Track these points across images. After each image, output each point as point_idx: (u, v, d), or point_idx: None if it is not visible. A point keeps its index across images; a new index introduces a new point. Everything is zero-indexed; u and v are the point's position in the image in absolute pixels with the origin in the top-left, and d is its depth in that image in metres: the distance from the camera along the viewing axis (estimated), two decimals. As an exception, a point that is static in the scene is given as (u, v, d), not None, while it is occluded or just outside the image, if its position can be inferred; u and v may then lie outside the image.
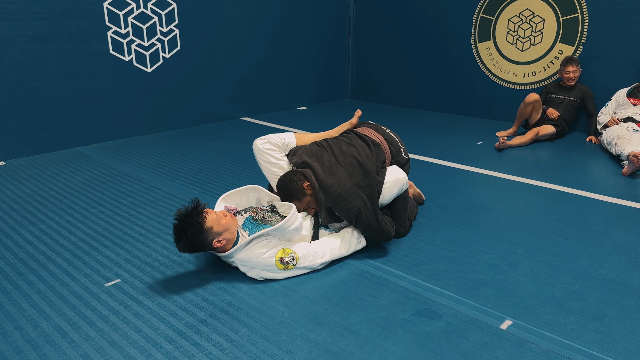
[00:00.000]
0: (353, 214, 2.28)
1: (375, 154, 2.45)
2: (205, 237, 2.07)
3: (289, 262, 2.17)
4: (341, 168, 2.34)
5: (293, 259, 2.18)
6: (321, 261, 2.27)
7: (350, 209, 2.27)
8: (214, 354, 1.73)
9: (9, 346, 1.78)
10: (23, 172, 3.72)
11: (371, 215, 2.28)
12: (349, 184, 2.28)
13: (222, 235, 2.12)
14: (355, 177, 2.31)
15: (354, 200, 2.26)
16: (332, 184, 2.29)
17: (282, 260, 2.16)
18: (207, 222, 2.07)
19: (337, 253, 2.32)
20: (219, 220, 2.11)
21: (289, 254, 2.18)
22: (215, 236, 2.10)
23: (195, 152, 4.25)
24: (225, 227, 2.13)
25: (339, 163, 2.37)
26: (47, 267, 2.33)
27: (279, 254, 2.16)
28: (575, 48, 4.84)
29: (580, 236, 2.67)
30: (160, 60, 4.79)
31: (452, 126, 5.28)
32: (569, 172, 3.72)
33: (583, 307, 2.03)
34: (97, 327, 1.88)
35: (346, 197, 2.27)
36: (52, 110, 4.19)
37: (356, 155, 2.38)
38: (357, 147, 2.44)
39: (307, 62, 6.28)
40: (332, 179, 2.31)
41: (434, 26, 5.83)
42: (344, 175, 2.31)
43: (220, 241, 2.12)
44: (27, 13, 3.89)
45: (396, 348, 1.77)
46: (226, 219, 2.15)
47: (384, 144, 2.57)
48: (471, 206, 3.08)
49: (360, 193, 2.28)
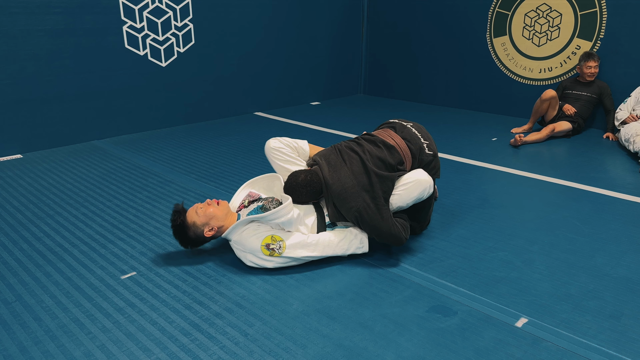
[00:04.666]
0: (353, 214, 2.23)
1: (388, 155, 2.38)
2: (193, 233, 2.24)
3: (275, 249, 2.17)
4: (346, 167, 2.31)
5: (280, 247, 2.17)
6: (308, 255, 2.21)
7: (350, 209, 2.23)
8: (229, 347, 1.75)
9: (27, 336, 1.80)
10: (40, 165, 3.77)
11: (374, 215, 2.21)
12: (350, 183, 2.25)
13: (210, 224, 2.24)
14: (359, 176, 2.27)
15: (354, 199, 2.22)
16: (334, 182, 2.28)
17: (268, 246, 2.16)
18: (187, 221, 2.23)
19: (330, 251, 2.25)
20: (198, 214, 2.23)
21: (277, 241, 2.17)
22: (203, 227, 2.24)
23: (209, 147, 4.27)
24: (209, 216, 2.24)
25: (344, 162, 2.34)
26: (64, 259, 2.36)
27: (266, 240, 2.16)
28: (593, 43, 4.76)
29: (596, 234, 2.64)
30: (174, 55, 4.81)
31: (466, 122, 5.24)
32: (585, 169, 3.68)
33: (599, 305, 2.01)
34: (114, 318, 1.91)
35: (347, 196, 2.23)
36: (68, 104, 4.23)
37: (362, 156, 2.34)
38: (365, 148, 2.39)
39: (320, 56, 6.26)
40: (335, 176, 2.29)
41: (449, 21, 5.78)
42: (347, 174, 2.28)
43: (211, 230, 2.24)
44: (44, 7, 3.92)
45: (410, 344, 1.76)
46: (208, 209, 2.25)
47: (400, 145, 2.46)
48: (486, 203, 3.06)
49: (363, 193, 2.23)
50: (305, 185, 2.31)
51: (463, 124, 5.16)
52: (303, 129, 4.88)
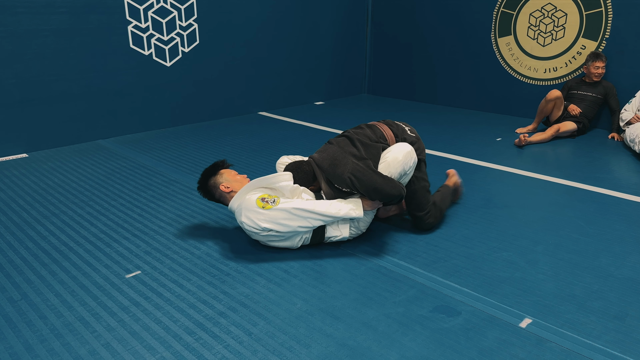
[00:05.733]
0: (347, 177, 2.28)
1: (370, 132, 2.51)
2: (214, 182, 2.44)
3: (269, 202, 2.26)
4: (333, 146, 2.46)
5: (274, 201, 2.27)
6: (300, 207, 2.24)
7: (343, 174, 2.30)
8: (233, 346, 1.75)
9: (33, 334, 1.81)
10: (45, 164, 3.79)
11: (367, 172, 2.26)
12: (338, 152, 2.38)
13: (231, 183, 2.43)
14: (347, 147, 2.40)
15: (344, 165, 2.31)
16: (323, 158, 2.42)
17: (264, 199, 2.28)
18: (220, 170, 2.48)
19: (323, 208, 2.27)
20: (231, 174, 2.47)
21: (273, 198, 2.29)
22: (224, 181, 2.44)
23: (213, 146, 4.27)
24: (237, 180, 2.45)
25: (331, 144, 2.50)
26: (69, 258, 2.37)
27: (263, 195, 2.30)
28: (598, 43, 4.75)
29: (601, 234, 2.63)
30: (179, 55, 4.82)
31: (471, 122, 5.23)
32: (590, 170, 3.66)
33: (604, 306, 2.00)
34: (119, 317, 1.91)
35: (337, 164, 2.34)
36: (73, 104, 4.25)
37: (347, 135, 2.50)
38: (350, 131, 2.55)
39: (324, 56, 6.26)
40: (324, 155, 2.44)
41: (454, 20, 5.77)
42: (334, 149, 2.43)
43: (227, 187, 2.42)
44: (49, 7, 3.94)
45: (414, 344, 1.77)
46: (239, 177, 2.47)
47: (380, 125, 2.59)
48: (490, 203, 3.05)
49: (351, 157, 2.33)
50: (294, 168, 2.47)
51: (467, 124, 5.15)
52: (307, 129, 4.88)
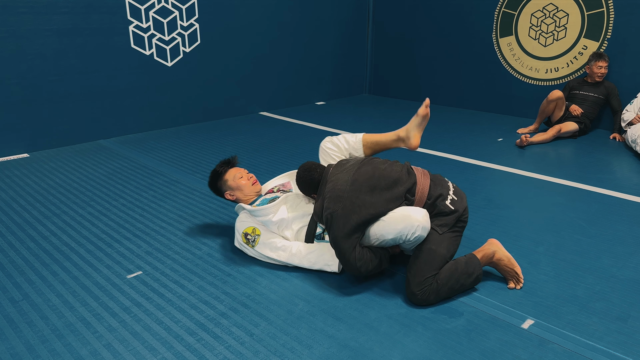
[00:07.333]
0: (326, 216, 2.03)
1: (403, 179, 2.09)
2: (220, 185, 2.47)
3: (250, 240, 2.31)
4: (351, 173, 2.07)
5: (254, 240, 2.30)
6: (275, 258, 2.25)
7: (327, 208, 2.02)
8: (234, 347, 1.75)
9: (34, 335, 1.81)
10: (46, 164, 3.79)
11: (340, 229, 1.98)
12: (342, 187, 2.03)
13: (235, 192, 2.45)
14: (353, 188, 2.02)
15: (335, 203, 2.00)
16: (330, 180, 2.09)
17: (246, 235, 2.32)
18: (225, 175, 2.46)
19: (297, 260, 2.21)
20: (236, 178, 2.44)
21: (255, 235, 2.30)
22: (228, 189, 2.46)
23: (214, 146, 4.27)
24: (240, 187, 2.43)
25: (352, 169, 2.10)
26: (70, 258, 2.37)
27: (248, 229, 2.32)
28: (600, 43, 4.74)
29: (603, 235, 2.62)
30: (180, 55, 4.82)
31: (472, 122, 5.22)
32: (591, 170, 3.66)
33: (606, 307, 2.00)
34: (120, 318, 1.91)
35: (331, 196, 2.03)
36: (74, 104, 4.25)
37: (371, 171, 2.08)
38: (384, 164, 2.14)
39: (326, 56, 6.26)
40: (335, 177, 2.09)
41: (455, 20, 5.76)
42: (345, 179, 2.05)
43: (232, 195, 2.46)
44: (51, 7, 3.94)
45: (416, 345, 1.76)
46: (243, 181, 2.44)
47: (420, 178, 2.13)
48: (491, 203, 3.05)
49: (346, 202, 1.99)
50: (304, 170, 2.21)
51: (469, 124, 5.15)
52: (308, 129, 4.88)
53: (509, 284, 2.13)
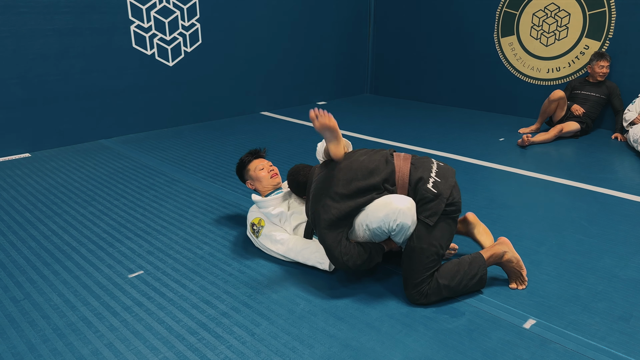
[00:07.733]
0: (311, 215, 2.08)
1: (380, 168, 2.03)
2: (245, 173, 2.56)
3: (255, 231, 2.41)
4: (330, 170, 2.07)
5: (258, 231, 2.40)
6: (273, 250, 2.34)
7: (310, 208, 2.08)
8: (236, 346, 1.75)
9: (36, 334, 1.81)
10: (48, 164, 3.79)
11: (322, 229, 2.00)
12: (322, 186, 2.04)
13: (254, 182, 2.53)
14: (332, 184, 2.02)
15: (316, 204, 2.02)
16: (315, 180, 2.11)
17: (253, 225, 2.42)
18: (249, 165, 2.54)
19: (292, 255, 2.28)
20: (257, 169, 2.51)
21: (260, 226, 2.40)
22: (249, 178, 2.55)
23: (216, 146, 4.27)
24: (259, 178, 2.50)
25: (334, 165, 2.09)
26: (72, 257, 2.37)
27: (255, 220, 2.43)
28: (601, 43, 4.73)
29: (605, 235, 2.62)
30: (181, 55, 4.82)
31: (473, 122, 5.22)
32: (593, 170, 3.65)
33: (608, 307, 1.99)
34: (121, 317, 1.91)
35: (314, 195, 2.05)
36: (75, 103, 4.25)
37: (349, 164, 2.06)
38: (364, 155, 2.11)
39: (327, 56, 6.26)
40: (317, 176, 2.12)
41: (456, 20, 5.76)
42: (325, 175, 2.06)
43: (252, 185, 2.55)
44: (52, 7, 3.94)
45: (417, 345, 1.76)
46: (263, 173, 2.49)
47: (400, 164, 2.06)
48: (493, 203, 3.05)
49: (325, 199, 2.00)
50: (290, 174, 2.32)
51: (470, 124, 5.14)
52: (309, 129, 4.88)
53: (511, 284, 2.13)
